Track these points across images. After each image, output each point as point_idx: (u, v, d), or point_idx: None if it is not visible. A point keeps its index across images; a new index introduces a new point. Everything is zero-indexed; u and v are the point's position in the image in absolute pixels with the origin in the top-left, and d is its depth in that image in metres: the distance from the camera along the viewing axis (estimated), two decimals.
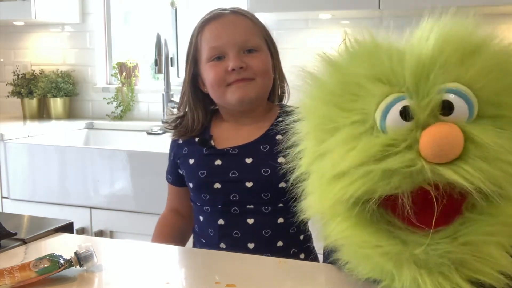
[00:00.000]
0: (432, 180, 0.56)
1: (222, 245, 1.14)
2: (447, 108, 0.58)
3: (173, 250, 1.03)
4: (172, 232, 1.27)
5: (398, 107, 0.59)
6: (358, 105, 0.61)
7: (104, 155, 2.12)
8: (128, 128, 2.62)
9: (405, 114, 0.58)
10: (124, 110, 2.80)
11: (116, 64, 2.82)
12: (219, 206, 1.15)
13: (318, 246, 1.27)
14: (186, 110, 1.23)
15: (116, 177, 2.10)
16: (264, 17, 2.49)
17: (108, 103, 2.81)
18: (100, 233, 2.14)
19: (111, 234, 2.14)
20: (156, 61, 2.43)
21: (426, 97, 0.57)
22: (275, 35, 2.50)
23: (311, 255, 1.20)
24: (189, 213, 1.25)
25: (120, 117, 2.80)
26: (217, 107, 1.25)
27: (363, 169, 0.58)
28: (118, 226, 2.10)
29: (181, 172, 1.24)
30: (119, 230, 2.10)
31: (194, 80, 1.21)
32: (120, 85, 2.80)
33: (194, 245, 1.24)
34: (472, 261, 0.58)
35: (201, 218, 1.19)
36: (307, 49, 2.49)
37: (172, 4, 2.61)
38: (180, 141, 1.23)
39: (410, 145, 0.57)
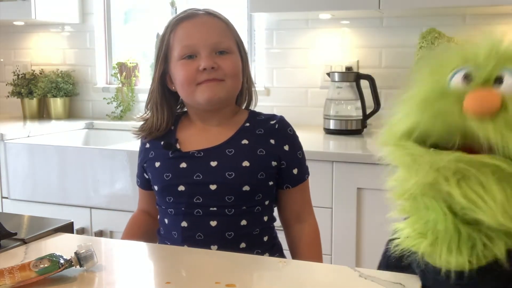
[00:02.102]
0: (466, 132, 0.65)
1: (185, 247, 1.14)
2: (498, 81, 0.67)
3: (173, 250, 1.03)
4: (140, 231, 1.28)
5: (462, 72, 0.70)
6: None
7: (104, 155, 2.12)
8: (128, 128, 2.61)
9: (466, 78, 0.69)
10: (124, 110, 2.80)
11: (116, 64, 2.82)
12: (183, 209, 1.15)
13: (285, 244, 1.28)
14: (152, 109, 1.23)
15: (116, 177, 2.10)
16: (264, 17, 2.50)
17: (108, 103, 2.81)
18: (100, 233, 2.15)
19: (111, 234, 2.14)
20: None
21: (485, 69, 0.67)
22: (275, 35, 2.53)
23: (276, 254, 1.21)
24: (158, 214, 1.26)
25: (120, 117, 2.80)
26: (184, 109, 1.27)
27: (417, 107, 0.69)
28: (118, 226, 2.10)
29: (147, 177, 1.25)
30: (119, 230, 2.09)
31: (162, 77, 1.22)
32: (120, 85, 2.81)
33: None
34: (472, 179, 0.64)
35: (166, 221, 1.19)
36: (307, 49, 2.49)
37: (172, 4, 2.61)
38: (147, 145, 1.24)
39: (458, 97, 0.66)
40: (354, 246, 1.84)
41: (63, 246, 0.97)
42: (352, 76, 2.23)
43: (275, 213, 1.25)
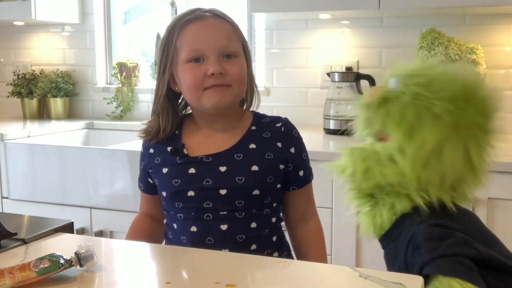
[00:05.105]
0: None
1: (185, 247, 1.13)
2: None
3: (173, 250, 1.03)
4: (143, 236, 1.27)
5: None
6: None
7: (104, 155, 2.12)
8: (128, 128, 2.62)
9: None
10: (124, 110, 2.80)
11: (116, 64, 2.82)
12: (192, 213, 1.15)
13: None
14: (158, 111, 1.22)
15: (116, 177, 2.10)
16: (264, 17, 2.50)
17: (108, 103, 2.81)
18: (100, 233, 2.15)
19: (111, 234, 2.14)
20: (156, 61, 2.43)
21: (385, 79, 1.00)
22: (275, 35, 2.53)
23: (284, 252, 1.21)
24: (162, 217, 1.25)
25: (120, 117, 2.80)
26: (188, 112, 1.26)
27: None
28: (118, 226, 2.10)
29: (151, 182, 1.24)
30: (119, 230, 2.10)
31: (168, 81, 1.19)
32: (120, 85, 2.81)
33: None
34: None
35: (174, 225, 1.19)
36: (307, 49, 2.49)
37: (172, 4, 2.61)
38: (152, 151, 1.23)
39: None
40: (354, 246, 1.84)
41: (63, 246, 0.97)
42: (352, 76, 2.23)
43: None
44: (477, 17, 2.22)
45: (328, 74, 2.28)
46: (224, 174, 1.14)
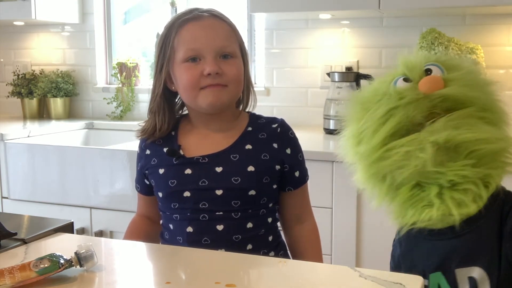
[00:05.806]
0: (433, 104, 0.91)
1: (185, 247, 1.13)
2: (428, 72, 0.95)
3: (173, 250, 1.03)
4: (140, 237, 1.27)
5: (401, 79, 0.96)
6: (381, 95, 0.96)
7: (104, 155, 2.12)
8: (128, 128, 2.62)
9: (405, 80, 0.95)
10: (124, 110, 2.80)
11: (116, 64, 2.82)
12: (188, 214, 1.15)
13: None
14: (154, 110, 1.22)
15: (116, 177, 2.10)
16: (264, 17, 2.50)
17: (108, 103, 2.81)
18: (100, 233, 2.15)
19: (111, 234, 2.14)
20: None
21: (418, 69, 0.95)
22: (275, 35, 2.53)
23: (280, 252, 1.22)
24: (159, 218, 1.25)
25: (120, 117, 2.80)
26: (184, 112, 1.26)
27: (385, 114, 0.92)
28: (118, 226, 2.10)
29: (148, 183, 1.24)
30: (119, 230, 2.10)
31: (165, 80, 1.20)
32: (120, 85, 2.81)
33: None
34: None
35: (171, 226, 1.19)
36: (307, 49, 2.49)
37: (172, 4, 2.61)
38: (148, 152, 1.23)
39: (414, 89, 0.92)
40: (354, 246, 1.84)
41: (63, 246, 0.97)
42: (352, 76, 2.23)
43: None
44: (477, 17, 2.22)
45: (328, 74, 2.28)
46: (220, 174, 1.14)
